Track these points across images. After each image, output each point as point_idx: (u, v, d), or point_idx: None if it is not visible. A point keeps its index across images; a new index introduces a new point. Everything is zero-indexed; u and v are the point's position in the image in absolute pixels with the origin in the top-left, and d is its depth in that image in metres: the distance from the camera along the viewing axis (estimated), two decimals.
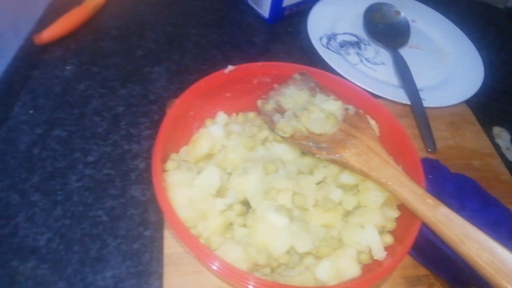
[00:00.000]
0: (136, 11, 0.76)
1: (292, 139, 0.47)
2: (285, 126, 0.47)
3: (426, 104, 0.64)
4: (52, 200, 0.50)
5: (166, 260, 0.45)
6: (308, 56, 0.72)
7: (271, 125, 0.48)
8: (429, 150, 0.58)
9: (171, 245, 0.46)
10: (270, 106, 0.51)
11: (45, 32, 0.66)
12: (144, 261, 0.46)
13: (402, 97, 0.65)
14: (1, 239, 0.46)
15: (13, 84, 0.60)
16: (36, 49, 0.65)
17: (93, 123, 0.58)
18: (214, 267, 0.35)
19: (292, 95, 0.51)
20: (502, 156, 0.62)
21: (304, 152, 0.47)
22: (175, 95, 0.63)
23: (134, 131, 0.58)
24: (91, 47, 0.68)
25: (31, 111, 0.58)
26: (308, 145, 0.45)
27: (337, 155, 0.43)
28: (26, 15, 0.66)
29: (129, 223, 0.49)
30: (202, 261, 0.36)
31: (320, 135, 0.46)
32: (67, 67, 0.64)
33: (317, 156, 0.44)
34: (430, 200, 0.38)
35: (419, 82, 0.67)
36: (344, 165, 0.44)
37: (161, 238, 0.47)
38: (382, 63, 0.72)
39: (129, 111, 0.60)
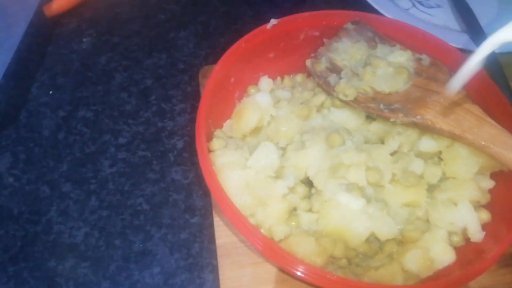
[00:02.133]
0: None
1: (356, 103, 0.39)
2: (346, 87, 0.39)
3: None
4: (85, 190, 0.44)
5: (219, 251, 0.39)
6: (350, 4, 0.62)
7: (328, 88, 0.41)
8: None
9: (223, 234, 0.40)
10: (322, 65, 0.43)
11: (55, 2, 0.59)
12: (194, 253, 0.41)
13: (467, 44, 0.55)
14: (35, 236, 0.42)
15: (28, 63, 0.54)
16: (47, 22, 0.58)
17: (120, 100, 0.52)
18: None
19: (347, 50, 0.43)
20: None
21: (371, 117, 0.40)
22: (206, 61, 0.56)
23: (166, 106, 0.51)
24: (107, 15, 0.61)
25: (50, 92, 0.52)
26: (378, 108, 0.38)
27: (418, 117, 0.35)
28: None
29: (173, 211, 0.43)
30: (271, 260, 0.30)
31: (390, 94, 0.39)
32: (84, 40, 0.58)
33: (392, 120, 0.37)
34: None
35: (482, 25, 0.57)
36: (427, 129, 0.36)
37: (210, 225, 0.42)
38: (438, 6, 0.63)
39: (158, 83, 0.53)
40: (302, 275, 0.29)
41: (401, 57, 0.39)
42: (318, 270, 0.29)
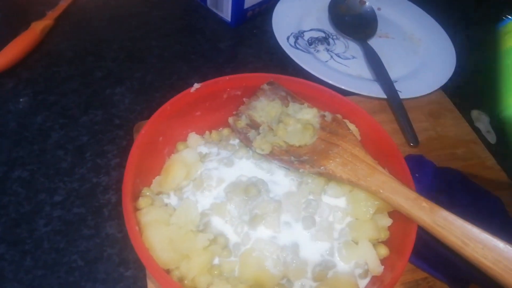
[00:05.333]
0: (90, 28, 0.72)
1: (271, 156, 0.44)
2: (262, 143, 0.44)
3: (402, 95, 0.62)
4: (20, 251, 0.45)
5: None
6: (277, 58, 0.70)
7: (247, 143, 0.46)
8: (412, 144, 0.56)
9: (155, 285, 0.42)
10: (242, 122, 0.48)
11: None
12: None
13: (377, 91, 0.63)
14: None
15: None
16: None
17: (56, 158, 0.53)
18: None
19: (264, 108, 0.48)
20: (483, 139, 0.61)
21: (286, 168, 0.45)
22: (141, 116, 0.59)
23: (101, 162, 0.54)
24: (45, 74, 0.63)
25: None
26: (289, 160, 0.43)
27: (322, 168, 0.41)
28: None
29: (108, 265, 0.45)
30: None
31: (300, 147, 0.44)
32: (21, 99, 0.59)
33: (300, 171, 0.42)
34: (426, 204, 0.36)
35: (393, 73, 0.66)
36: (330, 177, 0.41)
37: (144, 277, 0.44)
38: (353, 57, 0.70)
39: (93, 140, 0.56)
40: None
41: (308, 114, 0.45)
42: None
